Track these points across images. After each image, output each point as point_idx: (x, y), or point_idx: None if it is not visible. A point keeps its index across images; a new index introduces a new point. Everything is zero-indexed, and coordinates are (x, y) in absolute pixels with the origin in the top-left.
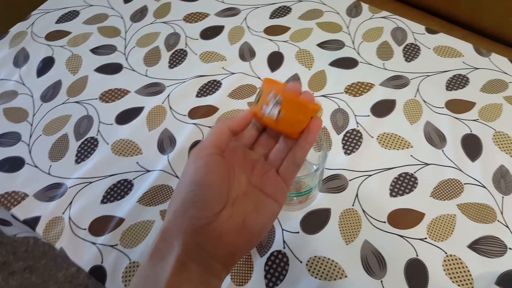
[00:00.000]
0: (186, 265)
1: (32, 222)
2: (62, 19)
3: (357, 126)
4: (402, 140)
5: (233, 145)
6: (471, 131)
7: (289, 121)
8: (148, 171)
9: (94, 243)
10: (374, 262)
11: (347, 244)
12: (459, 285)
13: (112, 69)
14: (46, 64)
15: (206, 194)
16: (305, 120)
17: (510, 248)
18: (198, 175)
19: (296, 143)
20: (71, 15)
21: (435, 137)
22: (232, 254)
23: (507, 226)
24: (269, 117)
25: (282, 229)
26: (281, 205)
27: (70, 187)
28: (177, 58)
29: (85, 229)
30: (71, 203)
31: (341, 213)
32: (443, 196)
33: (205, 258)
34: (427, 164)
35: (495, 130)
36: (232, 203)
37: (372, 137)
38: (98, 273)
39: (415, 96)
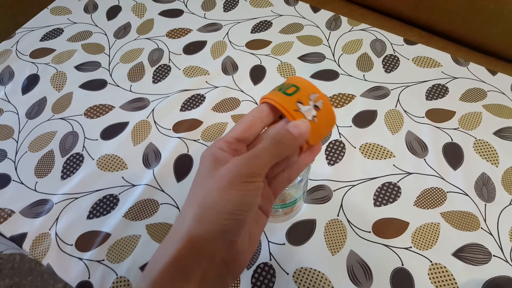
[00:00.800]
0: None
1: (18, 239)
2: (47, 36)
3: (340, 137)
4: (384, 150)
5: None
6: (452, 140)
7: (315, 130)
8: (134, 185)
9: (81, 259)
10: (360, 272)
11: (333, 255)
12: None
13: (97, 85)
14: (31, 82)
15: (249, 215)
16: (325, 135)
17: (494, 255)
18: (248, 198)
19: (296, 160)
20: (55, 33)
21: (417, 146)
22: (242, 270)
23: (491, 233)
24: (301, 115)
25: (268, 241)
26: (268, 218)
27: (56, 203)
28: (161, 73)
29: (71, 245)
30: (57, 219)
31: (326, 223)
32: (426, 205)
33: (225, 276)
34: (410, 173)
35: (475, 138)
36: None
37: (355, 147)
38: None
39: (395, 106)
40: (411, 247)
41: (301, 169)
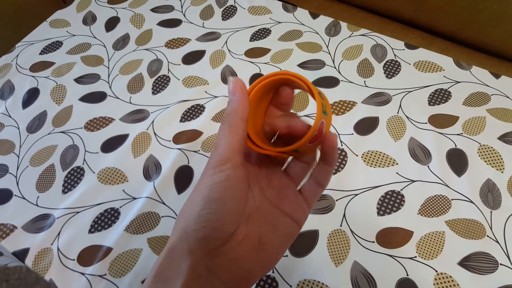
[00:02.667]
0: None
1: (21, 254)
2: (46, 50)
3: (342, 145)
4: (387, 158)
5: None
6: (455, 146)
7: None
8: (135, 198)
9: (83, 274)
10: (364, 284)
11: (336, 266)
12: None
13: (97, 97)
14: (31, 95)
15: (223, 214)
16: (286, 157)
17: (501, 264)
18: (216, 192)
19: (318, 163)
20: (54, 46)
21: (420, 153)
22: (246, 280)
23: (497, 241)
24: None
25: None
26: (300, 227)
27: (58, 218)
28: (160, 84)
29: (73, 260)
30: (59, 233)
31: (329, 234)
32: (431, 213)
33: (216, 285)
34: (413, 181)
35: (479, 143)
36: (247, 220)
37: (357, 155)
38: None
39: (397, 113)
40: (416, 256)
41: (328, 171)
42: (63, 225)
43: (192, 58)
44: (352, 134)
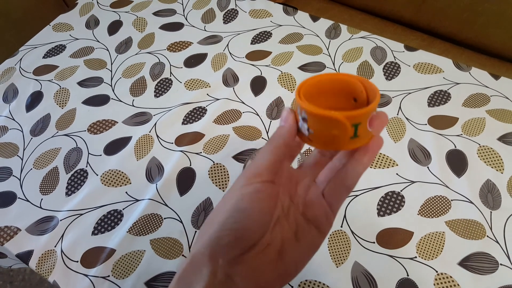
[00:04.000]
0: None
1: (25, 257)
2: (49, 53)
3: None
4: (387, 159)
5: None
6: (455, 147)
7: (322, 138)
8: (137, 200)
9: (86, 275)
10: (365, 284)
11: (337, 267)
12: None
13: (100, 100)
14: (35, 99)
15: (247, 224)
16: (342, 134)
17: (501, 264)
18: (243, 203)
19: (348, 161)
20: (58, 49)
21: (420, 154)
22: None
23: (497, 242)
24: (302, 135)
25: None
26: (324, 236)
27: (61, 220)
28: (163, 87)
29: (77, 261)
30: (62, 235)
31: (330, 235)
32: (430, 214)
33: None
34: (413, 182)
35: (479, 144)
36: (272, 227)
37: None
38: None
39: (397, 114)
40: (416, 257)
41: (359, 171)
42: (67, 227)
43: (194, 61)
44: None
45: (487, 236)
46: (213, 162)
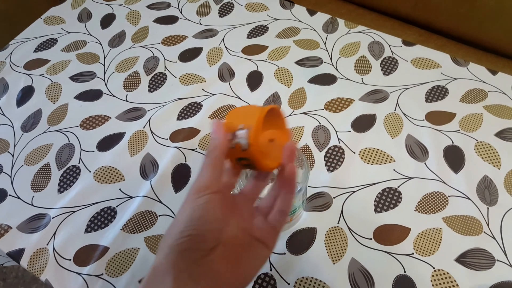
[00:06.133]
0: None
1: (16, 255)
2: (41, 47)
3: (339, 143)
4: (384, 155)
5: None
6: (452, 143)
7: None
8: (131, 197)
9: (79, 274)
10: (362, 281)
11: (334, 263)
12: None
13: (92, 95)
14: (26, 93)
15: (204, 229)
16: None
17: (498, 260)
18: (197, 212)
19: (280, 190)
20: (49, 43)
21: (417, 150)
22: None
23: (494, 238)
24: (238, 147)
25: None
26: (271, 249)
27: (53, 217)
28: (157, 82)
29: (70, 260)
30: (55, 233)
31: (327, 231)
32: (428, 210)
33: None
34: (410, 178)
35: (476, 140)
36: (225, 244)
37: (354, 152)
38: None
39: (395, 110)
40: (413, 253)
41: (289, 198)
42: (59, 225)
43: (189, 55)
44: (350, 131)
45: (484, 232)
46: None
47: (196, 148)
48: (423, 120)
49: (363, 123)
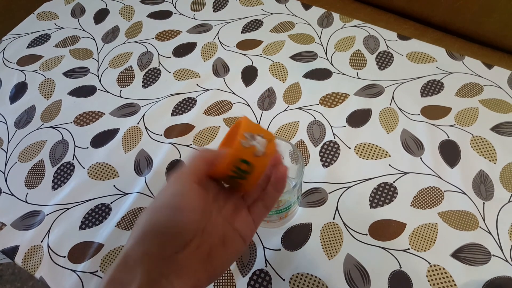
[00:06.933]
0: None
1: (10, 252)
2: (34, 43)
3: (334, 138)
4: (379, 150)
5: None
6: (448, 137)
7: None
8: (126, 194)
9: (74, 271)
10: (357, 276)
11: (329, 259)
12: None
13: (86, 91)
14: (19, 90)
15: (181, 220)
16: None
17: (494, 255)
18: (175, 199)
19: (267, 187)
20: (42, 39)
21: (413, 145)
22: (195, 286)
23: (490, 233)
24: (253, 150)
25: (264, 247)
26: (246, 244)
27: (47, 214)
28: (151, 77)
29: (64, 257)
30: (49, 230)
31: (322, 227)
32: (423, 205)
33: None
34: (406, 173)
35: (472, 134)
36: (202, 232)
37: (350, 148)
38: None
39: (390, 104)
40: (408, 249)
41: (276, 197)
42: (53, 222)
43: (183, 50)
44: (345, 126)
45: (480, 227)
46: None
47: (191, 144)
48: (419, 114)
49: (358, 118)
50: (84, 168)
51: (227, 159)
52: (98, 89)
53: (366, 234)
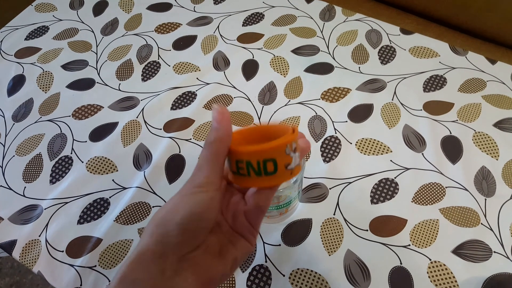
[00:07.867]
0: None
1: (8, 247)
2: (32, 35)
3: (335, 133)
4: (381, 145)
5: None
6: (450, 133)
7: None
8: (124, 188)
9: (72, 265)
10: (357, 272)
11: (329, 255)
12: None
13: (84, 84)
14: (17, 83)
15: (199, 225)
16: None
17: (495, 252)
18: (199, 208)
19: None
20: (40, 31)
21: (415, 141)
22: (207, 285)
23: (491, 229)
24: (288, 160)
25: (264, 243)
26: (253, 245)
27: (45, 209)
28: (150, 71)
29: (62, 251)
30: (47, 225)
31: (323, 223)
32: (425, 201)
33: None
34: (408, 169)
35: (475, 130)
36: (210, 231)
37: (351, 143)
38: None
39: (392, 99)
40: (409, 245)
41: (270, 196)
42: (51, 216)
43: (183, 43)
44: (346, 121)
45: (481, 223)
46: None
47: (191, 139)
48: (421, 110)
49: (360, 113)
50: (82, 162)
51: (264, 148)
52: (97, 82)
53: (367, 230)
